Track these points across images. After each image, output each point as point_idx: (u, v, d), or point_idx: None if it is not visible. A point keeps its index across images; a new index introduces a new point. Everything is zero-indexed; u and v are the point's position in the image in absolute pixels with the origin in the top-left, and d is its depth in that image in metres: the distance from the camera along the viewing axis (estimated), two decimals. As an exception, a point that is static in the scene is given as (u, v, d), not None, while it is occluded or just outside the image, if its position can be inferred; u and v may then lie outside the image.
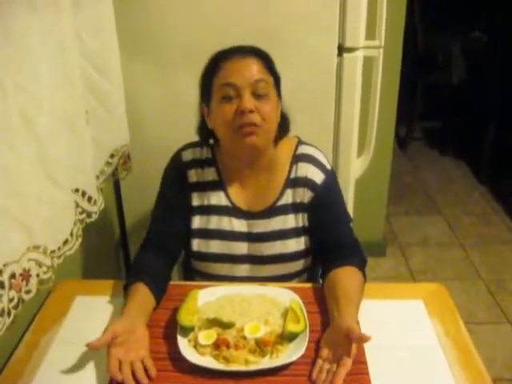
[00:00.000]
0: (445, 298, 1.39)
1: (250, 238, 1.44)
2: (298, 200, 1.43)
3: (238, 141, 1.31)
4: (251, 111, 1.27)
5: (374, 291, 1.41)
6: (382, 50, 1.87)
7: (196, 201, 1.45)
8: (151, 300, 1.30)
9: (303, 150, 1.45)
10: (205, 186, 1.45)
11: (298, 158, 1.44)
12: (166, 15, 1.79)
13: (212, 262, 1.46)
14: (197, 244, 1.45)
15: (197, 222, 1.45)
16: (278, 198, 1.43)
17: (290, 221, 1.43)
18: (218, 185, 1.45)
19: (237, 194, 1.45)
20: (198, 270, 1.51)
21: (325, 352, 1.16)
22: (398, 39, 2.52)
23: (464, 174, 4.11)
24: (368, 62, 1.89)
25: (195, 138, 1.49)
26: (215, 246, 1.44)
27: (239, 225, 1.44)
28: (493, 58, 3.84)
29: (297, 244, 1.44)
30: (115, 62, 1.65)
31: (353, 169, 1.98)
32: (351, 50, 1.82)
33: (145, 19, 1.79)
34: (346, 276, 1.33)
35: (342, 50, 1.82)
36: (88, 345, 1.11)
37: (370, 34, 1.86)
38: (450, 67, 3.98)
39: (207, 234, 1.44)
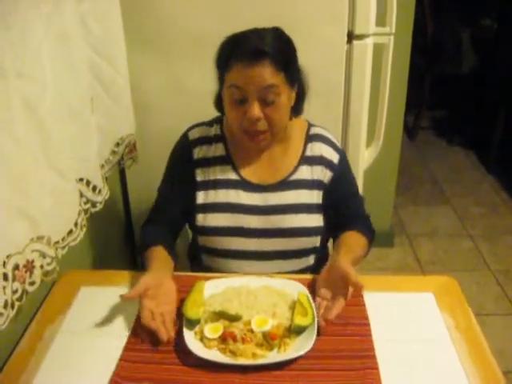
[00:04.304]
0: (455, 290, 1.37)
1: (260, 210, 1.44)
2: (316, 177, 1.45)
3: (245, 140, 1.36)
4: (258, 119, 1.29)
5: (384, 284, 1.41)
6: (392, 37, 1.84)
7: (201, 176, 1.46)
8: (171, 260, 1.38)
9: (315, 130, 1.49)
10: (211, 162, 1.46)
11: (311, 138, 1.47)
12: (172, 3, 1.75)
13: (220, 235, 1.45)
14: (203, 218, 1.45)
15: (203, 196, 1.45)
16: (292, 173, 1.45)
17: (302, 196, 1.44)
18: (226, 159, 1.46)
19: (247, 168, 1.46)
20: (205, 247, 1.50)
21: (322, 291, 1.27)
22: (408, 27, 2.48)
23: (472, 164, 4.08)
24: (378, 50, 1.86)
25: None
26: (223, 219, 1.43)
27: (249, 198, 1.44)
28: (503, 46, 3.79)
29: (308, 220, 1.44)
30: (121, 50, 1.62)
31: (361, 160, 1.95)
32: (361, 37, 1.80)
33: (150, 7, 1.76)
34: (350, 236, 1.43)
35: (351, 37, 1.79)
36: (122, 296, 1.19)
37: (381, 20, 1.82)
38: (460, 56, 3.93)
39: (214, 207, 1.44)
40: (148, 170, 1.88)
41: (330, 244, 1.58)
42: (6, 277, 1.03)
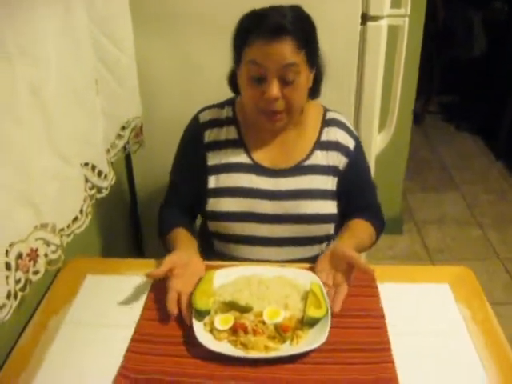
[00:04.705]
0: (471, 281, 1.34)
1: (273, 195, 1.40)
2: (331, 163, 1.42)
3: (262, 120, 1.33)
4: (276, 99, 1.26)
5: (398, 274, 1.38)
6: (407, 19, 1.78)
7: (212, 160, 1.43)
8: (195, 240, 1.38)
9: (332, 115, 1.46)
10: (223, 145, 1.43)
11: (327, 123, 1.44)
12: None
13: (231, 221, 1.41)
14: (214, 203, 1.41)
15: (214, 181, 1.42)
16: (306, 158, 1.41)
17: (317, 181, 1.41)
18: (238, 143, 1.42)
19: (259, 152, 1.42)
20: (216, 233, 1.46)
21: (323, 276, 1.25)
22: (420, 10, 2.42)
23: (481, 150, 4.03)
24: (392, 32, 1.80)
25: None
26: (234, 204, 1.40)
27: (261, 182, 1.41)
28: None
29: (323, 206, 1.41)
30: (127, 29, 1.56)
31: (374, 145, 1.91)
32: (375, 18, 1.74)
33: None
34: (357, 223, 1.44)
35: (365, 18, 1.74)
36: (148, 274, 1.18)
37: (395, 2, 1.77)
38: (471, 39, 3.86)
39: (225, 192, 1.41)
40: (154, 154, 1.85)
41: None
42: (8, 266, 0.99)
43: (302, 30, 1.24)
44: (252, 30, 1.23)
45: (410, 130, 2.78)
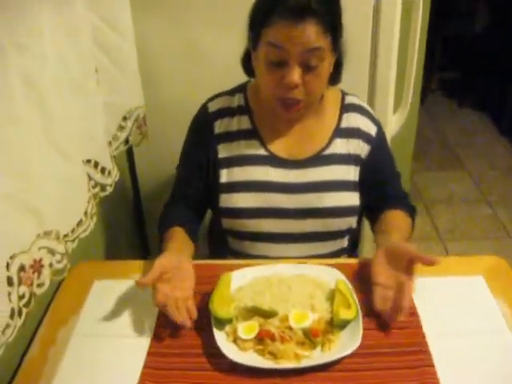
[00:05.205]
0: (507, 272, 1.25)
1: (291, 188, 1.31)
2: (353, 152, 1.33)
3: (277, 108, 1.23)
4: (296, 86, 1.16)
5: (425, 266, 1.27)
6: (423, -7, 1.68)
7: (223, 153, 1.33)
8: (190, 242, 1.30)
9: (351, 99, 1.37)
10: (235, 136, 1.34)
11: (346, 108, 1.35)
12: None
13: (247, 217, 1.32)
14: (228, 198, 1.32)
15: (226, 175, 1.33)
16: (326, 147, 1.33)
17: (338, 172, 1.32)
18: (252, 133, 1.33)
19: (275, 142, 1.33)
20: (231, 230, 1.37)
21: (382, 278, 1.13)
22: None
23: (485, 126, 3.96)
24: (406, 6, 1.69)
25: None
26: (250, 200, 1.31)
27: (278, 175, 1.32)
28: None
29: (345, 198, 1.33)
30: (125, 13, 1.46)
31: (389, 126, 1.82)
32: (390, -8, 1.64)
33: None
34: (397, 216, 1.34)
35: (379, -8, 1.64)
36: (137, 282, 1.07)
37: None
38: (473, 15, 3.75)
39: (239, 186, 1.32)
40: (158, 146, 1.76)
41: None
42: (10, 281, 0.89)
43: (329, 11, 1.13)
44: (272, 9, 1.11)
45: (418, 109, 2.69)
